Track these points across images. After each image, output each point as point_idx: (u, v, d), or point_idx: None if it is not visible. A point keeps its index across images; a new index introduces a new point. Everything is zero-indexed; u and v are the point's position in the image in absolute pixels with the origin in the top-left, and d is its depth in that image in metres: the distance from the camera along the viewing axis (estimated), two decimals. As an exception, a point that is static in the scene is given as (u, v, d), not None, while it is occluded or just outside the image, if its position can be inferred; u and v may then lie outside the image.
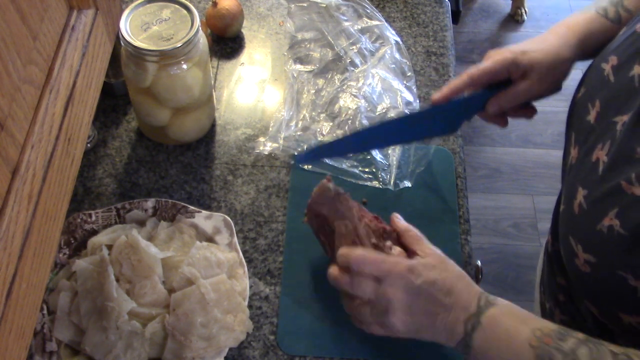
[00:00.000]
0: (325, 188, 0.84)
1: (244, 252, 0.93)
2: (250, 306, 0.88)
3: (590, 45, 0.80)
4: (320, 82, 1.11)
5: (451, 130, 0.88)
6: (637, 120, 0.62)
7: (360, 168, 1.01)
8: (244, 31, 1.19)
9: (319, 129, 1.05)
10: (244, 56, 1.16)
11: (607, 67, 0.70)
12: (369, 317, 0.74)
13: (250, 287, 0.89)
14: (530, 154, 2.24)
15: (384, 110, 1.07)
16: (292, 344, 0.86)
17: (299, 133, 1.05)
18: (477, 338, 0.68)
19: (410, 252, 0.77)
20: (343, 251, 0.76)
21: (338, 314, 0.88)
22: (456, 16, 1.92)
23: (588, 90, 0.72)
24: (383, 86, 1.10)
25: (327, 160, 1.02)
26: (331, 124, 1.06)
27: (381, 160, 1.02)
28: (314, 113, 1.07)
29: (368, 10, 1.18)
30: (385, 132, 0.86)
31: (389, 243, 0.83)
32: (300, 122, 1.06)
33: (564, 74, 0.81)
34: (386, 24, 1.17)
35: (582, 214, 0.65)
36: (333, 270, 0.77)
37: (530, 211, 2.13)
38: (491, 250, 2.04)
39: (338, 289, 0.77)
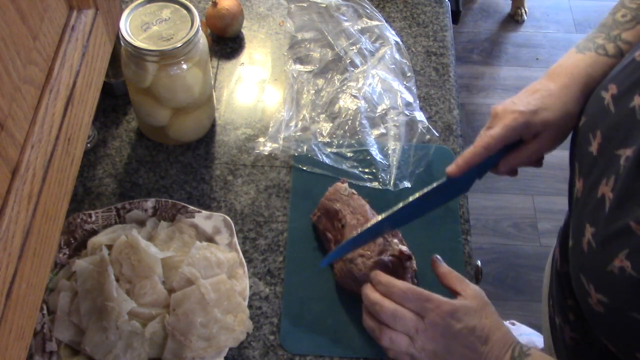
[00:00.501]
0: (340, 187, 0.91)
1: (244, 252, 0.93)
2: (250, 306, 0.88)
3: (594, 87, 0.78)
4: (320, 82, 1.11)
5: (464, 191, 0.87)
6: None
7: (360, 169, 1.01)
8: (244, 31, 1.19)
9: (318, 130, 1.05)
10: (244, 56, 1.16)
11: (607, 96, 0.69)
12: (405, 350, 0.74)
13: (250, 287, 0.89)
14: (530, 154, 2.24)
15: (383, 111, 1.07)
16: (295, 344, 0.86)
17: (298, 133, 1.05)
18: None
19: (452, 292, 0.78)
20: (384, 279, 0.76)
21: (339, 313, 0.89)
22: (456, 16, 1.92)
23: (589, 120, 0.71)
24: (383, 87, 1.10)
25: (326, 161, 1.02)
26: (331, 124, 1.06)
27: (381, 161, 1.02)
28: (313, 113, 1.07)
29: (368, 10, 1.18)
30: (401, 216, 0.84)
31: (396, 240, 0.86)
32: (300, 123, 1.06)
33: (572, 127, 0.80)
34: (386, 24, 1.17)
35: (592, 253, 0.64)
36: (369, 291, 0.78)
37: (530, 211, 2.13)
38: (491, 250, 2.04)
39: (374, 314, 0.77)
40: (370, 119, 1.07)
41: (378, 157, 1.02)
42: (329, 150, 1.03)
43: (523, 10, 2.68)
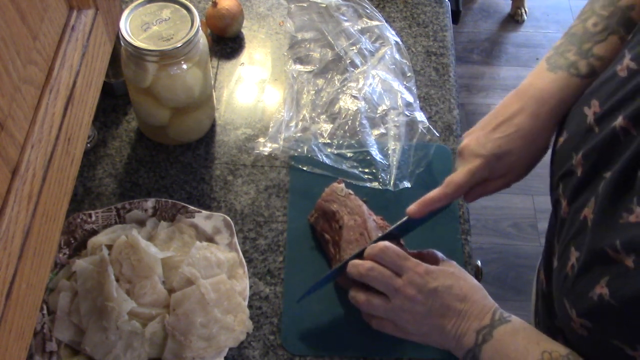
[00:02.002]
0: (337, 188, 0.91)
1: (244, 252, 0.93)
2: (250, 306, 0.88)
3: (566, 110, 0.77)
4: (320, 82, 1.11)
5: (427, 220, 0.87)
6: (621, 180, 0.59)
7: (360, 169, 1.01)
8: (244, 31, 1.19)
9: (318, 130, 1.05)
10: (244, 56, 1.16)
11: (589, 113, 0.66)
12: (382, 311, 0.76)
13: (250, 287, 0.89)
14: (530, 154, 2.24)
15: (383, 112, 1.07)
16: (296, 344, 0.86)
17: (298, 134, 1.05)
18: (486, 350, 0.69)
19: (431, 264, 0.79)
20: (370, 245, 0.79)
21: (339, 313, 0.89)
22: (456, 16, 1.92)
23: (571, 137, 0.69)
24: (383, 87, 1.10)
25: (326, 161, 1.02)
26: (331, 124, 1.06)
27: (381, 161, 1.02)
28: (313, 114, 1.07)
29: (368, 11, 1.18)
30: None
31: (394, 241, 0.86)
32: (300, 123, 1.06)
33: (544, 153, 0.80)
34: (386, 24, 1.17)
35: (575, 278, 0.62)
36: (354, 261, 0.80)
37: (530, 211, 2.13)
38: (491, 250, 2.04)
39: (355, 277, 0.79)
40: (371, 119, 1.07)
41: (378, 157, 1.02)
42: (329, 150, 1.03)
43: (523, 10, 2.68)
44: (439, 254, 0.81)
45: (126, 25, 0.88)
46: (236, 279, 0.87)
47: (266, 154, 1.03)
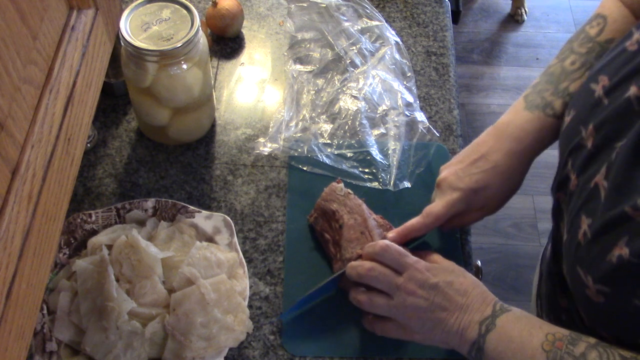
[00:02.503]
0: (336, 187, 0.91)
1: (244, 252, 0.93)
2: (250, 306, 0.88)
3: (542, 149, 0.83)
4: (320, 82, 1.11)
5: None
6: (637, 145, 0.60)
7: (360, 169, 1.01)
8: (244, 31, 1.19)
9: (318, 130, 1.05)
10: (244, 56, 1.16)
11: (597, 88, 0.68)
12: (385, 309, 0.77)
13: (250, 287, 0.89)
14: (530, 154, 2.24)
15: (383, 112, 1.07)
16: (297, 345, 0.86)
17: (298, 134, 1.05)
18: (490, 340, 0.70)
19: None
20: (369, 244, 0.80)
21: (340, 314, 0.89)
22: (456, 16, 1.92)
23: (578, 113, 0.70)
24: (383, 87, 1.10)
25: (326, 161, 1.02)
26: (331, 124, 1.06)
27: (381, 161, 1.02)
28: (313, 114, 1.07)
29: (368, 11, 1.18)
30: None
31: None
32: (300, 123, 1.06)
33: (518, 188, 0.86)
34: (386, 24, 1.17)
35: (589, 244, 0.63)
36: (353, 263, 0.81)
37: (530, 211, 2.13)
38: (491, 250, 2.04)
39: (355, 279, 0.80)
40: (371, 119, 1.07)
41: (378, 157, 1.02)
42: (329, 150, 1.03)
43: (523, 10, 2.68)
44: (437, 255, 0.82)
45: (126, 25, 0.88)
46: (236, 279, 0.87)
47: (266, 154, 1.03)
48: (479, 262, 1.01)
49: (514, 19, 2.69)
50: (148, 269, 0.83)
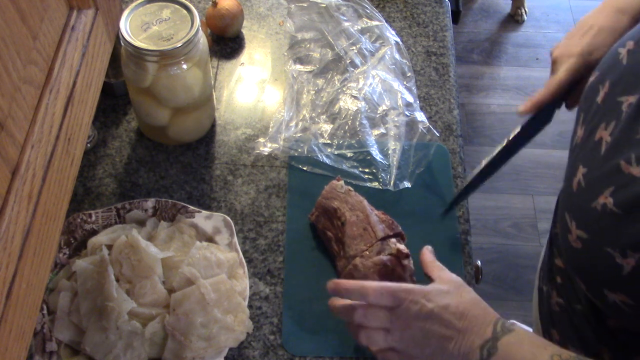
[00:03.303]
0: (336, 185, 0.91)
1: (244, 252, 0.93)
2: (250, 306, 0.88)
3: None
4: (320, 82, 1.11)
5: (548, 122, 0.94)
6: None
7: (360, 169, 1.01)
8: (244, 31, 1.19)
9: (318, 130, 1.05)
10: (244, 56, 1.16)
11: (622, 51, 0.70)
12: (384, 344, 0.73)
13: (250, 287, 0.89)
14: (530, 154, 2.24)
15: (383, 112, 1.07)
16: (297, 345, 0.86)
17: (298, 134, 1.05)
18: None
19: (429, 279, 0.78)
20: (351, 285, 0.75)
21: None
22: (456, 16, 1.92)
23: (601, 73, 0.73)
24: (383, 87, 1.10)
25: (326, 161, 1.02)
26: (331, 124, 1.06)
27: (381, 161, 1.02)
28: (313, 114, 1.07)
29: (368, 10, 1.18)
30: (505, 156, 0.95)
31: (393, 239, 0.87)
32: (300, 123, 1.06)
33: None
34: (386, 24, 1.17)
35: (580, 191, 0.66)
36: (336, 302, 0.77)
37: (530, 211, 2.13)
38: (491, 250, 2.04)
39: (351, 322, 0.76)
40: (371, 119, 1.07)
41: (378, 157, 1.02)
42: (329, 150, 1.03)
43: (523, 10, 2.68)
44: (440, 264, 0.79)
45: (126, 25, 0.88)
46: (236, 279, 0.87)
47: (266, 154, 1.03)
48: (479, 262, 1.01)
49: (514, 19, 2.69)
50: (148, 269, 0.83)
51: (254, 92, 1.11)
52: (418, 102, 1.09)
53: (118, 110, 1.08)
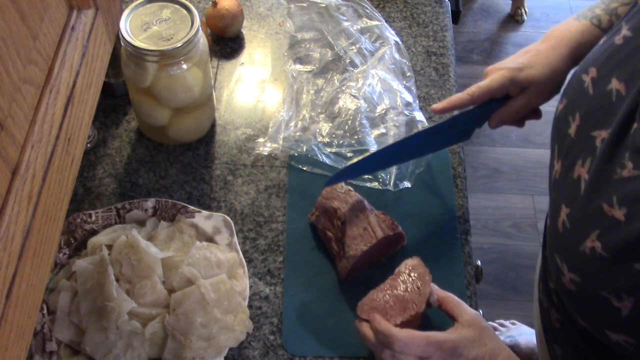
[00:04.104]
0: (336, 185, 0.91)
1: (244, 252, 0.93)
2: (250, 306, 0.88)
3: (582, 55, 0.84)
4: (320, 82, 1.11)
5: (465, 138, 0.95)
6: (615, 139, 0.62)
7: None
8: (244, 31, 1.19)
9: (318, 130, 1.05)
10: (244, 56, 1.16)
11: (587, 79, 0.70)
12: None
13: (250, 287, 0.89)
14: (530, 154, 2.24)
15: (383, 111, 1.07)
16: (297, 345, 0.86)
17: (298, 133, 1.05)
18: None
19: (450, 317, 0.80)
20: (383, 328, 0.76)
21: (340, 313, 0.89)
22: (456, 16, 1.91)
23: (569, 103, 0.73)
24: (383, 87, 1.10)
25: (326, 161, 1.02)
26: (331, 124, 1.06)
27: None
28: (313, 113, 1.07)
29: (368, 10, 1.18)
30: (405, 148, 0.92)
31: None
32: (299, 123, 1.06)
33: (560, 84, 0.88)
34: (386, 24, 1.17)
35: (566, 233, 0.66)
36: (366, 330, 0.78)
37: (530, 211, 2.13)
38: (491, 250, 2.04)
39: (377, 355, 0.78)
40: (370, 119, 1.07)
41: None
42: (328, 150, 1.03)
43: (523, 10, 2.68)
44: (457, 298, 0.81)
45: (126, 25, 0.88)
46: (236, 279, 0.87)
47: (266, 154, 1.03)
48: (479, 262, 1.01)
49: (514, 19, 2.69)
50: (148, 269, 0.83)
51: (254, 92, 1.11)
52: (417, 101, 1.09)
53: (118, 110, 1.08)
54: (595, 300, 0.62)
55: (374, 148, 1.03)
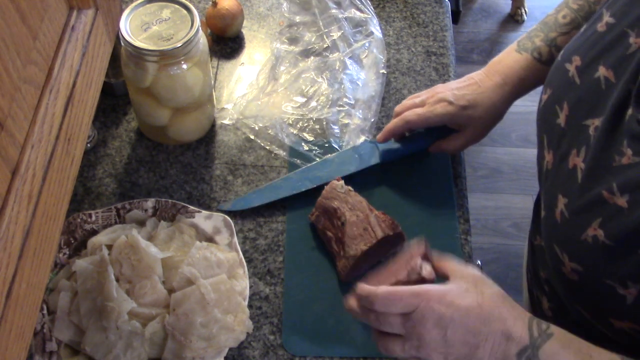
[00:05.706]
0: (337, 185, 0.91)
1: (244, 252, 0.93)
2: (250, 306, 0.88)
3: (525, 89, 0.90)
4: (302, 64, 1.12)
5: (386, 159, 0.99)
6: (610, 126, 0.61)
7: (315, 152, 1.03)
8: (244, 31, 1.19)
9: (285, 109, 1.08)
10: (244, 56, 1.16)
11: (571, 68, 0.70)
12: (401, 353, 0.67)
13: (250, 287, 0.89)
14: (530, 154, 2.24)
15: (351, 105, 1.08)
16: (298, 345, 0.86)
17: (266, 109, 1.07)
18: None
19: (443, 275, 0.70)
20: (364, 290, 0.68)
21: (340, 313, 0.89)
22: (456, 16, 1.92)
23: (554, 92, 0.72)
24: (358, 77, 1.10)
25: (285, 140, 1.04)
26: (299, 105, 1.08)
27: (338, 149, 1.04)
28: (288, 92, 1.09)
29: (358, 2, 1.18)
30: (314, 172, 0.98)
31: (420, 263, 0.74)
32: (271, 98, 1.08)
33: (499, 119, 0.93)
34: (374, 18, 1.17)
35: (565, 223, 0.65)
36: (352, 302, 0.71)
37: (530, 211, 2.13)
38: (491, 250, 2.04)
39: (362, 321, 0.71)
40: (340, 106, 1.08)
41: (336, 145, 1.04)
42: (290, 130, 1.04)
43: (523, 10, 2.68)
44: (449, 260, 0.72)
45: (126, 25, 0.88)
46: (236, 279, 0.87)
47: (227, 122, 1.06)
48: (479, 262, 1.01)
49: (514, 19, 2.69)
50: (148, 269, 0.83)
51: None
52: (382, 97, 1.11)
53: (118, 110, 1.08)
54: (599, 289, 0.61)
55: (335, 136, 1.04)
